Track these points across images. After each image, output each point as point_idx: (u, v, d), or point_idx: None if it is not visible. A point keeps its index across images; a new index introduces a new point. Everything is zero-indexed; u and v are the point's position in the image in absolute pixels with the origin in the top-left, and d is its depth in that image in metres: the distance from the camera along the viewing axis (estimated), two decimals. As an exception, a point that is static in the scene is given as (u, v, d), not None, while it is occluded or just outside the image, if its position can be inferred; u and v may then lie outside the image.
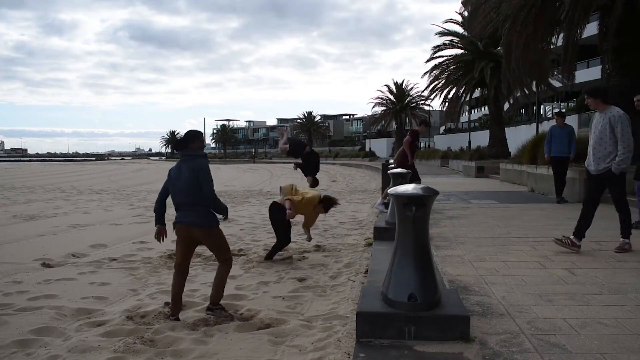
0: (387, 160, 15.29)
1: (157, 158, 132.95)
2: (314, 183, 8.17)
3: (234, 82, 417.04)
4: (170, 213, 4.62)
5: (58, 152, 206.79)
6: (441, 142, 52.76)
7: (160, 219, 4.79)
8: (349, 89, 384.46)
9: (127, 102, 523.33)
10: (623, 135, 5.25)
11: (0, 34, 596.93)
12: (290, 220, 7.10)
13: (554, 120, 11.02)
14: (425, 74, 28.89)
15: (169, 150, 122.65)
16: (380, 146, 65.23)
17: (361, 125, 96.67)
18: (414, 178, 8.88)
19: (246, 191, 20.61)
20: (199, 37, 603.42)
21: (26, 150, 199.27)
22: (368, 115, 73.26)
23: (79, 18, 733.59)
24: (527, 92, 22.33)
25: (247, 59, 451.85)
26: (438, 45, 27.99)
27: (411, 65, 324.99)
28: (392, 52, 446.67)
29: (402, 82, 55.79)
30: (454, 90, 27.75)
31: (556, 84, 23.14)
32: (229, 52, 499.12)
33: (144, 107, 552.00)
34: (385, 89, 56.06)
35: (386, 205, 8.31)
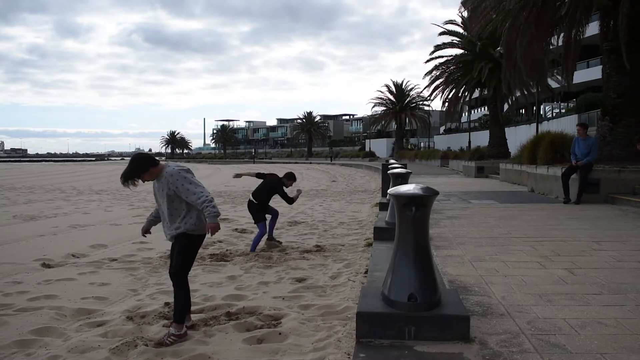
0: (387, 160, 15.31)
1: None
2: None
3: (240, 84, 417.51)
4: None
5: (58, 152, 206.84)
6: (441, 142, 52.75)
7: None
8: (352, 90, 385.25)
9: (133, 102, 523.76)
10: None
11: (17, 37, 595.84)
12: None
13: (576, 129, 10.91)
14: (426, 74, 28.92)
15: (169, 151, 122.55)
16: (380, 146, 65.28)
17: (361, 126, 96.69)
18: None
19: (246, 191, 20.60)
20: (212, 40, 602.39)
21: (26, 150, 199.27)
22: (368, 116, 73.26)
23: (95, 21, 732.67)
24: (526, 92, 22.31)
25: (256, 61, 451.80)
26: (438, 45, 28.01)
27: (416, 67, 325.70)
28: (397, 54, 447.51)
29: (402, 82, 55.89)
30: (453, 90, 27.76)
31: (555, 84, 23.15)
32: (240, 55, 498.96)
33: (149, 107, 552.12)
34: (385, 89, 56.21)
35: None
